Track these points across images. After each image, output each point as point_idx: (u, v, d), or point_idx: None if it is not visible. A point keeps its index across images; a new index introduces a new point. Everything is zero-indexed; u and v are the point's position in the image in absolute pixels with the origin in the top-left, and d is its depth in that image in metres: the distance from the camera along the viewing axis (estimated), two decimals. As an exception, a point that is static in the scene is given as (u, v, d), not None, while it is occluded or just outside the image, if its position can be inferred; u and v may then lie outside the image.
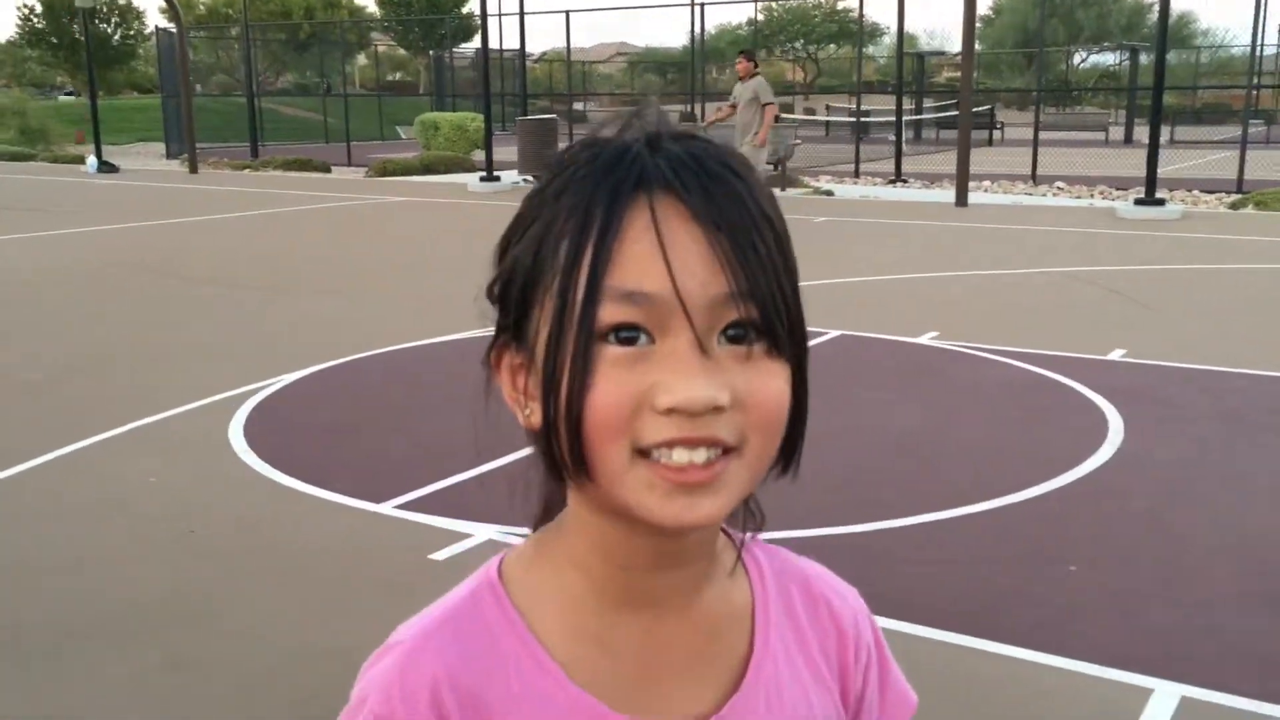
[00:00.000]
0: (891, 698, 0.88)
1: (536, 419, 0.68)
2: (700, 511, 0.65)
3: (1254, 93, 19.08)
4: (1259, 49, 20.64)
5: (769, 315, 0.65)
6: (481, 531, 4.01)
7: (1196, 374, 6.12)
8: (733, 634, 0.76)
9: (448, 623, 0.73)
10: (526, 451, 0.73)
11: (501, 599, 0.74)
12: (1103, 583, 3.62)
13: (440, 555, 3.83)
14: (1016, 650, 3.14)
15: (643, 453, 0.64)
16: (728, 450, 0.65)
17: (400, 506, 4.31)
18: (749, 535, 0.79)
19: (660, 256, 0.63)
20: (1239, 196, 15.15)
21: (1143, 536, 3.98)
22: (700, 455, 0.64)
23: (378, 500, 4.37)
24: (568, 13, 24.27)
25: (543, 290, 0.66)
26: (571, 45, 27.32)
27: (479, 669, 0.71)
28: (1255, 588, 3.58)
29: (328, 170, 22.08)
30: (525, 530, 0.81)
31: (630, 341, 0.64)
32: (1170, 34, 15.41)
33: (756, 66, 12.60)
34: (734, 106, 12.65)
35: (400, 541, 4.02)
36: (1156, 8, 14.21)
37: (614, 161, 0.66)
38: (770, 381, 0.66)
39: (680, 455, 0.64)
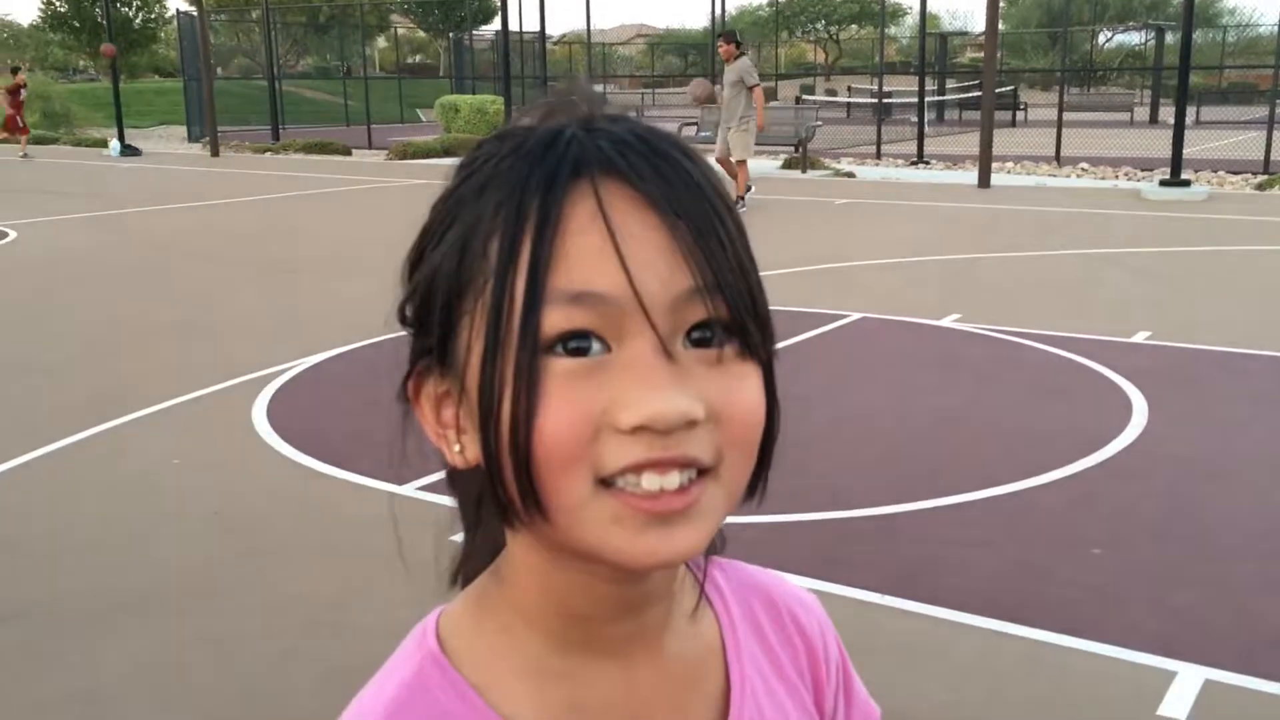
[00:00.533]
0: (857, 716, 0.79)
1: (472, 454, 0.58)
2: (677, 545, 0.55)
3: (1282, 72, 18.83)
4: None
5: (739, 312, 0.56)
6: (504, 512, 4.03)
7: (1222, 356, 6.07)
8: (708, 672, 0.67)
9: (396, 717, 0.60)
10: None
11: (451, 675, 0.62)
12: (1128, 565, 3.60)
13: (461, 536, 3.84)
14: (1041, 633, 3.14)
15: (605, 482, 0.54)
16: (703, 471, 0.55)
17: (422, 488, 4.33)
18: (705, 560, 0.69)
19: (612, 250, 0.53)
20: (1266, 177, 14.98)
21: (1167, 518, 3.96)
22: (673, 480, 0.54)
23: (400, 482, 4.39)
24: (588, -6, 24.17)
25: (471, 301, 0.56)
26: (592, 27, 27.28)
27: None
28: (1281, 571, 3.56)
29: (348, 153, 22.11)
30: None
31: (581, 352, 0.54)
32: (1196, 13, 15.23)
33: (739, 48, 12.38)
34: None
35: (422, 522, 4.03)
36: (1183, -14, 14.04)
37: (545, 146, 0.56)
38: (745, 387, 0.56)
39: (650, 481, 0.54)
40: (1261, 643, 3.10)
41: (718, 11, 26.03)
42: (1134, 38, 42.99)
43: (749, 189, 12.51)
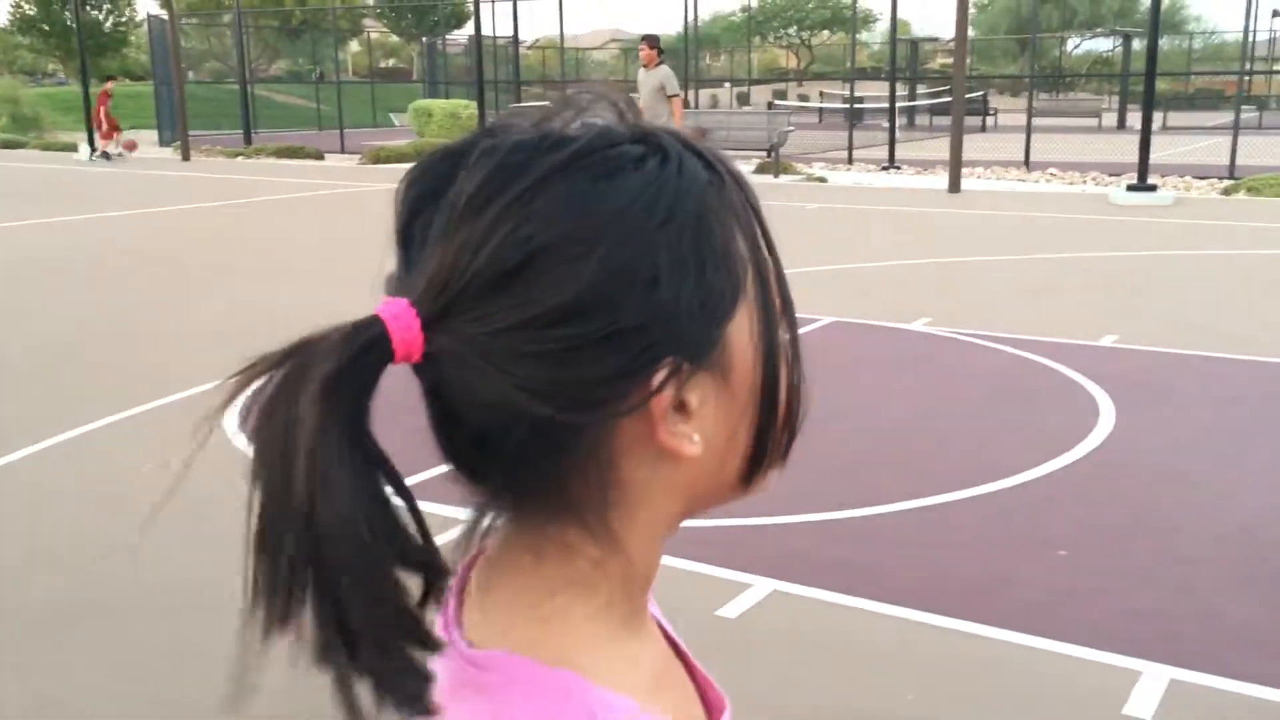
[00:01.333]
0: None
1: (699, 446, 0.58)
2: None
3: (1246, 79, 19.09)
4: (1251, 35, 20.66)
5: None
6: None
7: (1189, 359, 6.14)
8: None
9: None
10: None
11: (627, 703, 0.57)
12: (1093, 566, 3.65)
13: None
14: (1008, 633, 3.17)
15: None
16: None
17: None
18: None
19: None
20: (1231, 182, 15.18)
21: (1133, 520, 4.02)
22: None
23: (373, 487, 4.38)
24: (561, -1, 24.21)
25: (741, 298, 0.59)
26: (565, 32, 27.26)
27: None
28: (1245, 570, 3.61)
29: (321, 158, 22.03)
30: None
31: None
32: (1163, 20, 15.42)
33: (661, 54, 11.87)
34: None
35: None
36: (1149, -6, 14.21)
37: (709, 165, 0.60)
38: None
39: None
40: (1226, 642, 3.15)
41: (690, 17, 26.10)
42: (1102, 44, 43.44)
43: None
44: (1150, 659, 3.02)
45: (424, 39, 40.05)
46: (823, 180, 17.26)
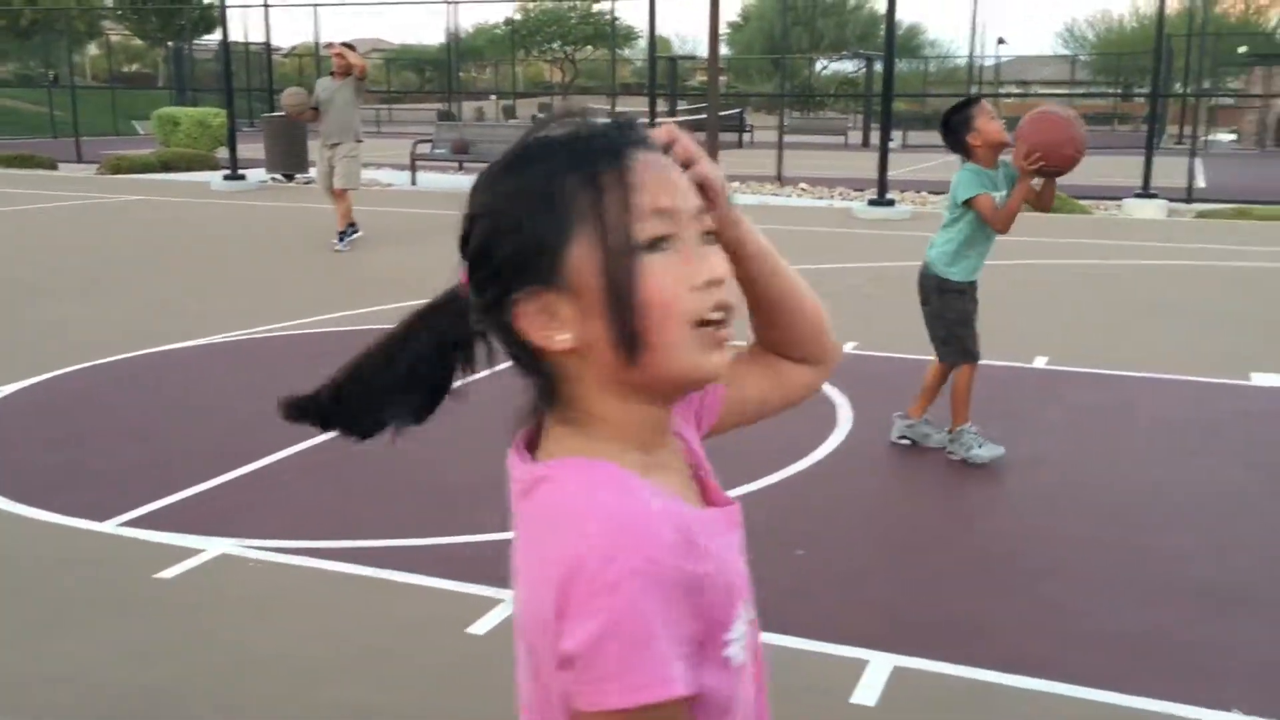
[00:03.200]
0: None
1: (574, 338, 0.89)
2: (724, 361, 0.92)
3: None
4: (978, 59, 22.26)
5: (720, 218, 0.97)
6: (214, 546, 3.85)
7: (922, 364, 6.53)
8: (680, 452, 1.02)
9: (641, 494, 0.88)
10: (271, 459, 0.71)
11: (617, 470, 0.90)
12: (828, 564, 3.83)
13: (168, 574, 3.65)
14: (747, 633, 3.28)
15: (698, 323, 0.89)
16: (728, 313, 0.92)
17: (126, 524, 4.08)
18: None
19: (671, 182, 0.90)
20: (962, 197, 16.30)
21: (866, 518, 4.24)
22: (724, 317, 0.91)
23: (100, 518, 4.12)
24: (315, 6, 23.52)
25: (584, 234, 0.87)
26: (322, 40, 26.48)
27: (675, 510, 0.89)
28: (968, 560, 3.87)
29: (54, 167, 20.57)
30: (264, 542, 1.29)
31: (662, 246, 0.88)
32: (900, 44, 16.40)
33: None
34: (316, 110, 10.72)
35: (125, 560, 3.80)
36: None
37: (598, 134, 0.91)
38: (725, 261, 0.95)
39: (716, 316, 0.90)
40: (943, 627, 3.36)
41: (453, 28, 25.93)
42: (848, 66, 45.83)
43: (352, 228, 11.00)
44: (876, 648, 3.19)
45: (170, 43, 38.09)
46: (585, 193, 17.43)
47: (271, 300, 8.54)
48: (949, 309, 4.86)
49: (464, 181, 17.71)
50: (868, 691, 2.98)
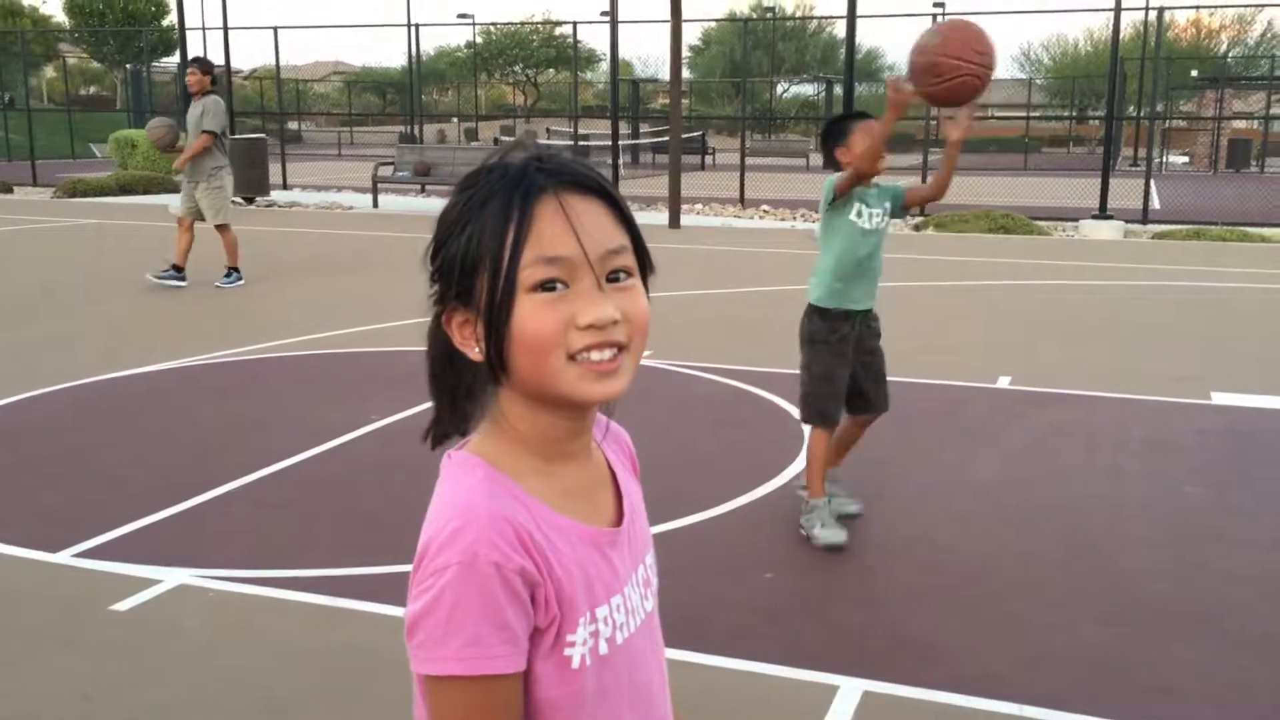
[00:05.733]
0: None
1: (480, 353, 1.01)
2: (610, 389, 1.01)
3: (931, 123, 20.75)
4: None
5: (641, 260, 1.05)
6: (171, 576, 3.77)
7: (891, 386, 6.54)
8: (605, 472, 1.15)
9: (490, 489, 1.00)
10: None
11: (499, 474, 1.03)
12: (797, 587, 3.81)
13: (124, 605, 3.57)
14: (715, 659, 3.25)
15: (572, 357, 0.99)
16: (621, 349, 1.01)
17: (80, 555, 3.99)
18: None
19: (570, 230, 0.98)
20: (922, 219, 16.43)
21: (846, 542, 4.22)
22: (608, 354, 1.00)
23: (53, 549, 4.03)
24: (275, 29, 23.40)
25: (484, 266, 0.98)
26: (283, 63, 26.36)
27: (521, 514, 1.00)
28: (935, 580, 3.86)
29: (9, 190, 20.32)
30: (222, 572, 1.70)
31: (552, 289, 0.98)
32: (859, 68, 16.54)
33: (214, 82, 9.98)
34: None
35: (78, 593, 3.71)
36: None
37: (521, 172, 1.00)
38: (641, 301, 1.03)
39: (598, 355, 0.99)
40: (912, 649, 3.35)
41: (414, 51, 25.87)
42: (808, 89, 46.22)
43: (236, 273, 10.14)
44: (846, 673, 3.18)
45: (128, 66, 37.76)
46: (549, 216, 17.44)
47: (225, 325, 8.44)
48: (816, 362, 4.30)
49: (426, 204, 17.84)
50: (839, 718, 2.95)
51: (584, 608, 1.02)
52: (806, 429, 4.46)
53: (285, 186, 21.43)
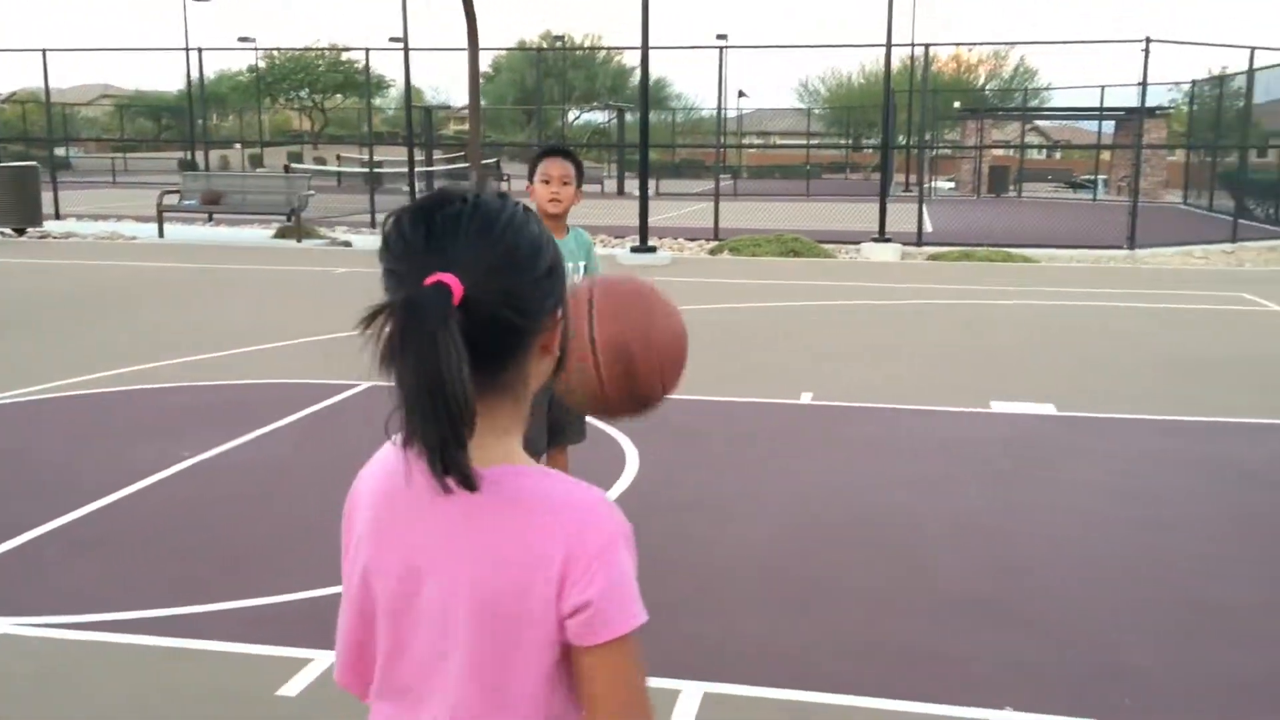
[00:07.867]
0: None
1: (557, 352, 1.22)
2: None
3: (722, 150, 21.51)
4: (723, 111, 23.35)
5: None
6: (-10, 627, 3.61)
7: (697, 404, 6.82)
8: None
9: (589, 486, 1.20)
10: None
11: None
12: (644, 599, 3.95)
13: (-60, 660, 3.39)
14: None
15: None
16: None
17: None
18: None
19: None
20: (716, 243, 17.02)
21: (667, 553, 4.40)
22: None
23: None
24: (44, 51, 22.11)
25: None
26: (53, 85, 24.92)
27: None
28: (768, 592, 4.09)
29: None
30: (46, 619, 1.62)
31: None
32: (650, 96, 17.01)
33: None
34: None
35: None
36: (639, 72, 15.65)
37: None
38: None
39: None
40: (753, 655, 3.55)
41: (194, 74, 24.96)
42: (599, 116, 46.96)
43: None
44: (688, 678, 3.35)
45: None
46: (347, 244, 17.17)
47: (8, 365, 7.99)
48: None
49: (217, 234, 17.23)
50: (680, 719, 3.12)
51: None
52: (630, 447, 4.62)
53: (58, 216, 20.27)
